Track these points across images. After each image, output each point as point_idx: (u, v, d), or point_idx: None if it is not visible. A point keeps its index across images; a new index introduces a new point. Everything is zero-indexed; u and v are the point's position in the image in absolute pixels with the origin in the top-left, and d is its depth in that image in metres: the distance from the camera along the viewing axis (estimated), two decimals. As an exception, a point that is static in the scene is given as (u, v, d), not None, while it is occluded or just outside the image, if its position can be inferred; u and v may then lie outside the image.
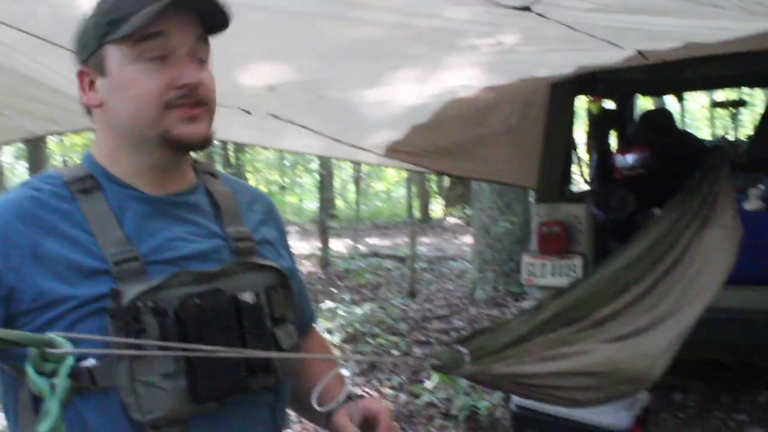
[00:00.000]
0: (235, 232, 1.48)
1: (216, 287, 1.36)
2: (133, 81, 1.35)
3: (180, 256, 1.38)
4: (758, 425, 4.74)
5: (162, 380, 1.27)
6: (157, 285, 1.30)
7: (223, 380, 1.33)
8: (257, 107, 3.73)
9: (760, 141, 6.68)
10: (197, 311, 1.31)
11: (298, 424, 5.10)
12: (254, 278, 1.44)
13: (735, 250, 2.94)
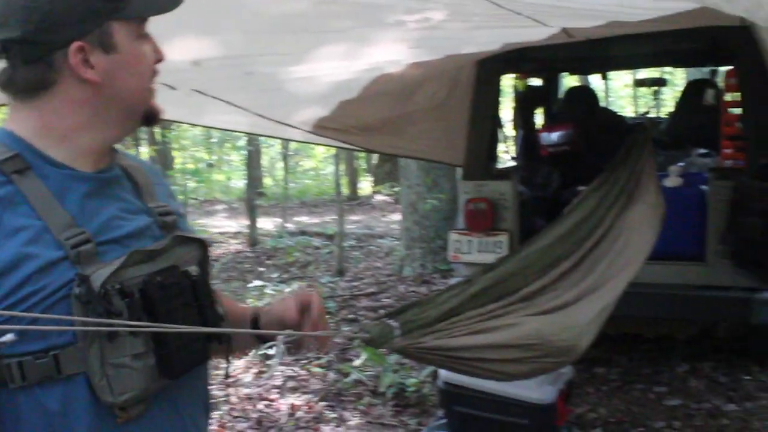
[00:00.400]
0: (158, 206, 1.49)
1: (171, 264, 1.40)
2: (139, 57, 1.40)
3: (123, 234, 1.38)
4: (677, 396, 4.87)
5: (133, 360, 1.30)
6: (120, 266, 1.30)
7: (191, 353, 1.41)
8: (182, 83, 3.65)
9: (679, 119, 6.84)
10: (161, 289, 1.34)
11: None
12: (187, 252, 1.47)
13: (658, 226, 3.00)
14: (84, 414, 1.28)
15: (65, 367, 1.26)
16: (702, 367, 5.32)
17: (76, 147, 1.37)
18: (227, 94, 3.96)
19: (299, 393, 5.30)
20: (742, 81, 4.41)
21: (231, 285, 8.91)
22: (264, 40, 3.17)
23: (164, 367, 1.34)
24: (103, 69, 1.34)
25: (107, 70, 1.35)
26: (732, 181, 4.13)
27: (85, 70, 1.33)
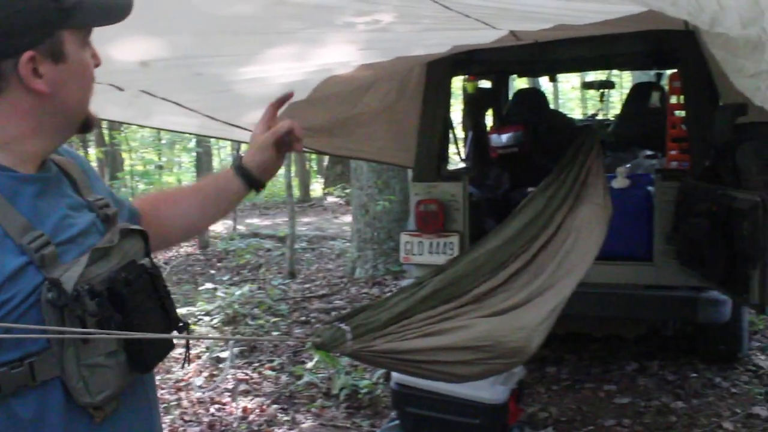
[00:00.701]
0: (97, 200, 1.49)
1: (129, 259, 1.42)
2: (86, 65, 1.40)
3: (76, 233, 1.37)
4: (626, 394, 4.94)
5: (106, 359, 1.31)
6: (86, 266, 1.30)
7: (160, 345, 1.45)
8: (130, 84, 3.60)
9: (626, 121, 6.94)
10: (127, 285, 1.36)
11: (176, 409, 5.02)
12: (132, 244, 1.48)
13: (605, 226, 3.03)
14: (58, 419, 1.28)
15: (40, 373, 1.25)
16: (650, 365, 5.40)
17: (19, 154, 1.35)
18: (176, 95, 3.92)
19: (251, 396, 5.27)
20: (686, 84, 4.48)
21: (182, 288, 8.84)
22: (213, 41, 3.14)
23: (137, 362, 1.37)
24: (52, 79, 1.32)
25: (55, 80, 1.33)
26: (677, 182, 4.20)
27: (34, 80, 1.30)
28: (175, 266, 10.26)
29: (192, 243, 12.05)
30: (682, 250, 3.99)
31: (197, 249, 11.57)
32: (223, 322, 7.12)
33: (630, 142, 6.53)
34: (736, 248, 3.28)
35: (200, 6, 2.70)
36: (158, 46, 3.14)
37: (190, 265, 10.50)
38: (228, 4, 2.69)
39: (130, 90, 3.67)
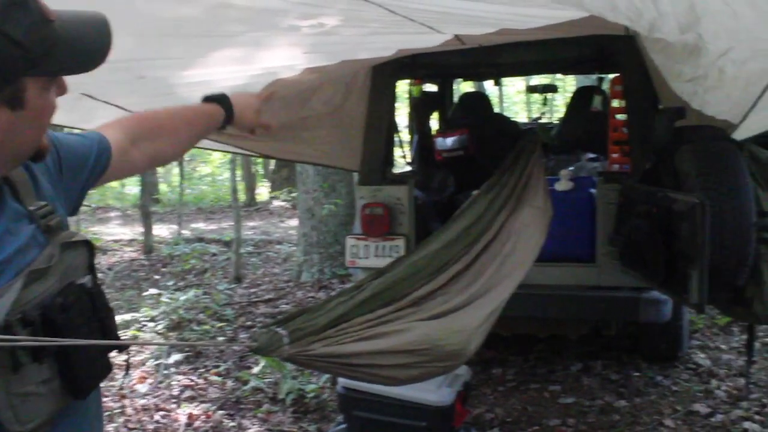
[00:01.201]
0: (39, 208, 1.41)
1: (70, 280, 1.36)
2: (45, 109, 1.34)
3: (15, 249, 1.31)
4: (570, 394, 5.00)
5: (39, 387, 1.26)
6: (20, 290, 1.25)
7: (96, 370, 1.41)
8: (71, 87, 3.53)
9: (569, 125, 7.03)
10: (62, 311, 1.30)
11: (119, 416, 4.94)
12: (76, 258, 1.42)
13: (546, 229, 3.07)
14: None
15: None
16: (594, 365, 5.48)
17: None
18: (119, 98, 3.87)
19: (197, 402, 5.22)
20: (627, 88, 4.55)
21: (125, 294, 8.72)
22: (156, 43, 3.10)
23: (72, 388, 1.32)
24: (6, 127, 1.25)
25: (9, 128, 1.26)
26: (619, 184, 4.26)
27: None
28: (118, 272, 10.11)
29: (136, 248, 11.90)
30: (624, 252, 4.05)
31: (141, 254, 11.42)
32: (167, 327, 7.03)
33: (573, 145, 6.61)
34: (675, 249, 3.34)
35: (143, 8, 2.67)
36: (100, 48, 3.10)
37: (134, 270, 10.35)
38: (171, 7, 2.66)
39: (71, 93, 3.61)
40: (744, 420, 4.43)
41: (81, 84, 3.50)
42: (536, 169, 3.18)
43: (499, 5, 2.70)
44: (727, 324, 6.21)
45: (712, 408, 4.64)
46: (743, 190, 3.23)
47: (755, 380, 5.05)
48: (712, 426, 4.42)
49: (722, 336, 6.06)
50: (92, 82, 3.47)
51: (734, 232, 3.18)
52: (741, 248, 3.20)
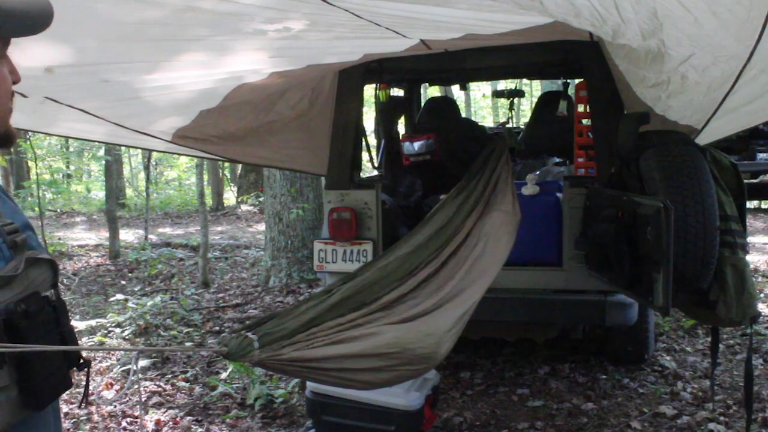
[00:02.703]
0: (5, 224, 1.42)
1: (32, 290, 1.35)
2: (1, 79, 1.36)
3: None
4: (539, 397, 5.02)
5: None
6: None
7: (55, 382, 1.39)
8: (33, 90, 3.50)
9: (535, 129, 7.08)
10: (25, 317, 1.30)
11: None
12: (40, 274, 1.42)
13: (515, 232, 3.08)
14: None
15: None
16: (562, 368, 5.51)
17: None
18: (82, 102, 3.83)
19: (165, 408, 5.18)
20: (592, 93, 4.58)
21: (91, 299, 8.63)
22: (119, 47, 3.08)
23: (30, 400, 1.31)
24: None
25: None
26: (584, 189, 4.29)
27: None
28: (84, 277, 10.01)
29: (102, 253, 11.79)
30: (590, 255, 4.08)
31: (107, 259, 11.32)
32: (134, 333, 6.97)
33: (539, 150, 6.66)
34: (641, 253, 3.37)
35: (106, 12, 2.65)
36: (63, 52, 3.07)
37: (100, 275, 10.26)
38: (135, 10, 2.64)
39: (34, 96, 3.58)
40: (709, 421, 4.47)
41: (43, 87, 3.47)
42: (504, 173, 3.19)
43: (465, 11, 2.71)
44: (692, 327, 6.28)
45: (678, 410, 4.69)
46: (707, 194, 3.27)
47: (720, 382, 5.11)
48: (679, 428, 4.46)
49: (687, 338, 6.13)
50: (56, 85, 3.44)
51: (698, 235, 3.22)
52: (705, 251, 3.24)
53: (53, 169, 20.44)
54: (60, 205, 18.36)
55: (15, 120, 4.22)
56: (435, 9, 2.71)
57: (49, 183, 16.52)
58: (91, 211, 18.55)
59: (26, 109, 3.81)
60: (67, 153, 20.01)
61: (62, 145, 19.11)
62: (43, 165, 19.97)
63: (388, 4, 2.64)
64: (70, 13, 2.64)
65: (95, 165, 21.78)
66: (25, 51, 2.99)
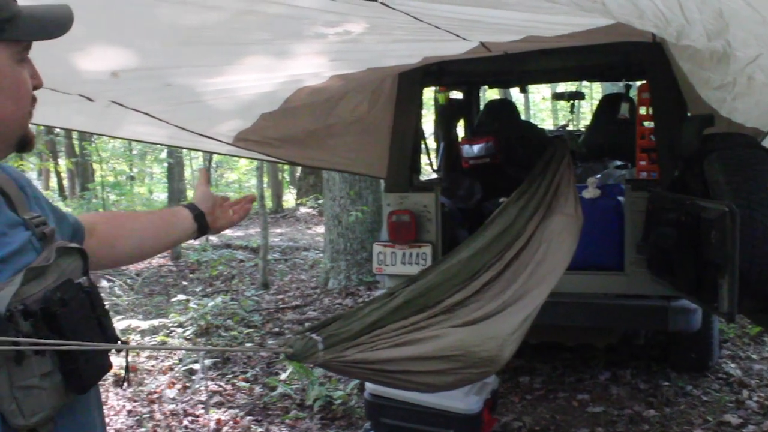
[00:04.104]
0: (33, 217, 1.45)
1: (66, 278, 1.38)
2: (20, 81, 1.36)
3: (12, 251, 1.34)
4: (599, 403, 4.96)
5: (41, 380, 1.28)
6: (20, 285, 1.27)
7: (96, 366, 1.41)
8: (100, 94, 3.59)
9: (596, 132, 6.99)
10: (62, 305, 1.32)
11: (147, 422, 4.97)
12: (71, 263, 1.45)
13: (577, 236, 3.05)
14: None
15: None
16: (623, 374, 5.43)
17: None
18: (146, 105, 3.91)
19: (225, 408, 5.24)
20: (655, 95, 4.51)
21: (154, 299, 8.78)
22: (182, 51, 3.13)
23: (73, 383, 1.34)
24: None
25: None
26: (647, 192, 4.23)
27: None
28: (147, 278, 10.19)
29: (164, 254, 11.98)
30: (653, 260, 4.02)
31: (169, 260, 11.50)
32: (195, 333, 7.07)
33: (600, 153, 6.58)
34: (705, 257, 3.31)
35: (169, 17, 2.69)
36: (128, 57, 3.13)
37: (162, 276, 10.43)
38: (196, 14, 2.68)
39: (99, 100, 3.66)
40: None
41: (109, 91, 3.54)
42: (566, 177, 3.16)
43: (525, 13, 2.70)
44: (758, 334, 6.14)
45: (744, 419, 4.59)
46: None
47: (787, 390, 5.00)
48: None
49: (753, 346, 5.99)
50: (120, 89, 3.52)
51: (764, 240, 3.15)
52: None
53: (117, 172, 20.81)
54: (123, 207, 18.67)
55: (81, 123, 4.34)
56: (494, 11, 2.70)
57: (112, 185, 16.85)
58: (154, 213, 18.82)
59: (92, 113, 3.89)
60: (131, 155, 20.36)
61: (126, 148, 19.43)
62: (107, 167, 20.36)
63: (447, 7, 2.63)
64: (135, 19, 2.70)
65: (157, 167, 22.12)
66: (92, 56, 3.07)
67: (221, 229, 2.11)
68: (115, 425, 4.98)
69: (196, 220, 1.99)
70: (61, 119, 4.36)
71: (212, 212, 2.05)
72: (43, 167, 21.12)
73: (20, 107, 1.37)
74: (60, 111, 3.83)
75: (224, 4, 2.57)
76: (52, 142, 16.82)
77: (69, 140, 17.40)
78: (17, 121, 1.38)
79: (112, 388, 5.62)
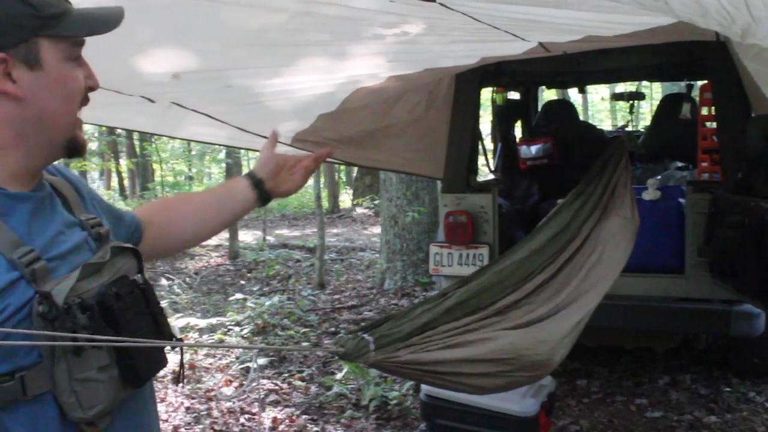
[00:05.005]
0: (89, 218, 1.48)
1: (122, 274, 1.41)
2: (67, 79, 1.36)
3: (66, 250, 1.37)
4: (658, 408, 4.89)
5: (99, 373, 1.30)
6: (76, 280, 1.30)
7: (152, 360, 1.44)
8: (161, 96, 3.65)
9: (656, 133, 6.89)
10: (117, 300, 1.35)
11: (205, 419, 5.03)
12: (125, 261, 1.47)
13: (633, 239, 3.00)
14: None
15: (31, 388, 1.24)
16: (683, 379, 5.35)
17: (5, 168, 1.34)
18: (206, 106, 3.96)
19: (281, 406, 5.28)
20: (718, 95, 4.44)
21: (212, 298, 8.89)
22: (242, 53, 3.17)
23: (129, 377, 1.36)
24: (27, 85, 1.30)
25: (30, 87, 1.31)
26: (709, 194, 4.16)
27: (5, 83, 1.28)
28: (204, 276, 10.32)
29: (222, 253, 12.12)
30: (715, 263, 3.95)
31: (227, 259, 11.63)
32: (253, 332, 7.15)
33: (661, 154, 6.48)
34: (769, 260, 3.24)
35: (230, 19, 2.72)
36: (190, 59, 3.18)
37: (220, 275, 10.56)
38: (256, 17, 2.71)
39: (161, 102, 3.72)
40: (842, 439, 4.27)
41: (170, 93, 3.60)
42: (623, 178, 3.11)
43: (586, 12, 2.66)
44: (824, 339, 5.99)
45: (808, 426, 4.49)
46: (841, 200, 3.12)
47: None
48: (808, 444, 4.28)
49: (819, 351, 5.84)
50: (182, 91, 3.57)
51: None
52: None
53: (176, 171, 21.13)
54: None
55: (143, 124, 4.42)
56: (555, 11, 2.67)
57: (172, 185, 17.12)
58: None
59: (153, 114, 3.96)
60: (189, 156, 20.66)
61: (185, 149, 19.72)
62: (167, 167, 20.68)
63: (506, 7, 2.61)
64: (196, 22, 2.74)
65: (216, 167, 22.39)
66: (154, 58, 3.12)
67: (286, 194, 2.06)
68: (174, 421, 5.05)
69: (255, 187, 1.95)
70: (123, 120, 4.44)
71: (275, 176, 2.00)
72: (105, 167, 21.56)
73: (69, 105, 1.38)
74: (122, 112, 3.90)
75: (284, 6, 2.59)
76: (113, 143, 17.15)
77: (130, 141, 17.74)
78: (65, 121, 1.38)
79: (171, 385, 5.71)
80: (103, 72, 1.45)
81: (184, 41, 3.02)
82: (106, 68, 3.12)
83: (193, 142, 13.96)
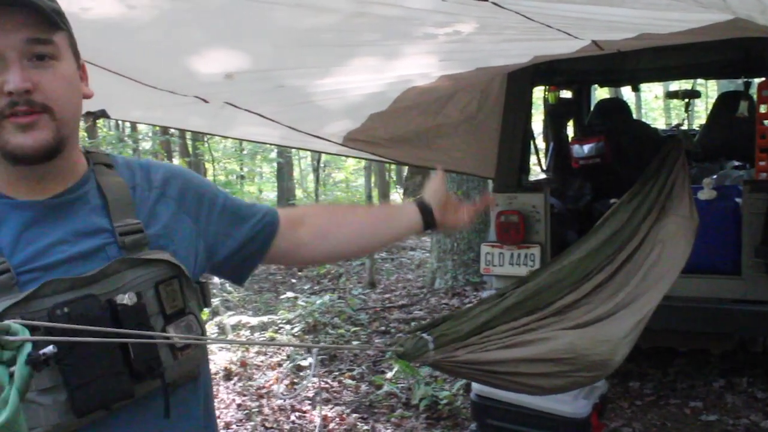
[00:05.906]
0: (124, 225, 1.37)
1: (88, 293, 1.28)
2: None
3: (58, 260, 1.30)
4: (713, 412, 4.81)
5: (39, 396, 1.21)
6: (25, 297, 1.22)
7: (105, 390, 1.27)
8: (214, 96, 3.69)
9: (712, 131, 6.78)
10: (66, 321, 1.22)
11: (257, 416, 5.08)
12: (140, 275, 1.35)
13: (692, 239, 2.97)
14: None
15: None
16: (739, 382, 5.26)
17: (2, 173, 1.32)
18: (259, 106, 4.00)
19: (331, 405, 5.31)
20: (777, 92, 4.36)
21: (263, 296, 8.96)
22: (294, 53, 3.19)
23: (75, 402, 1.24)
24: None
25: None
26: (767, 194, 4.09)
27: None
28: (256, 275, 10.41)
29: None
30: (772, 264, 3.88)
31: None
32: (303, 330, 7.19)
33: (717, 153, 6.38)
34: (829, 262, 3.18)
35: (282, 19, 2.75)
36: (243, 59, 3.22)
37: (272, 273, 10.65)
38: (308, 17, 2.73)
39: (214, 102, 3.77)
40: None
41: (223, 93, 3.65)
42: (680, 178, 3.07)
43: (641, 10, 2.64)
44: None
45: None
46: None
47: None
48: None
49: None
50: (234, 91, 3.61)
51: None
52: None
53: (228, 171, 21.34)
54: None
55: (196, 124, 4.49)
56: (609, 9, 2.65)
57: (224, 184, 17.28)
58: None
59: (207, 114, 4.01)
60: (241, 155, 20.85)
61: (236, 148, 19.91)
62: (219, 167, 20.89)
63: (560, 5, 2.60)
64: (249, 22, 2.77)
65: (267, 167, 22.56)
66: (207, 59, 3.16)
67: (450, 228, 2.02)
68: (225, 418, 5.11)
69: (423, 213, 1.91)
70: (177, 120, 4.50)
71: (443, 208, 1.96)
72: (159, 166, 21.77)
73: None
74: (177, 112, 3.96)
75: (337, 6, 2.60)
76: (167, 142, 17.35)
77: (183, 140, 17.95)
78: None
79: (222, 381, 5.78)
80: (158, 73, 1.46)
81: (237, 42, 3.06)
82: (161, 69, 3.18)
83: (245, 141, 14.09)
